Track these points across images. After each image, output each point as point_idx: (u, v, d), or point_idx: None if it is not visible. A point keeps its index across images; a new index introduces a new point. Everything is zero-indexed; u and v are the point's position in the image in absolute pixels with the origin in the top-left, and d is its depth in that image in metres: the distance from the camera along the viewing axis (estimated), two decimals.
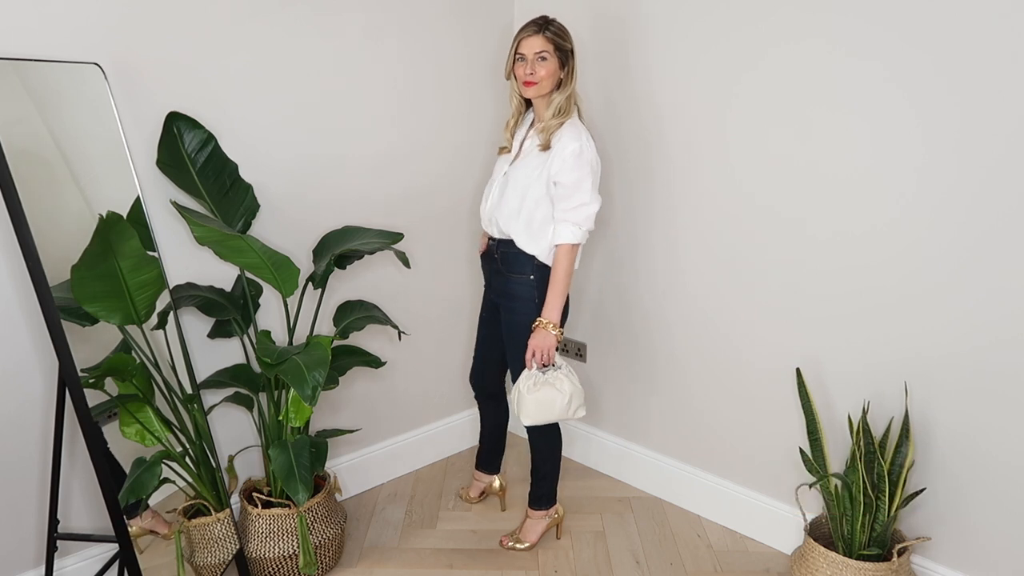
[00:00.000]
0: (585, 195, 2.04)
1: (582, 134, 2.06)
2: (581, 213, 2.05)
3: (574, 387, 2.11)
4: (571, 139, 2.04)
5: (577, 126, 2.08)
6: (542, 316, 2.10)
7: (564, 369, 2.13)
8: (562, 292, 2.08)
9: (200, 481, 2.04)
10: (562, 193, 2.06)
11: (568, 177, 2.03)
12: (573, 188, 2.04)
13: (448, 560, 2.35)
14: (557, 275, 2.07)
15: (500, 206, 2.17)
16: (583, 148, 2.03)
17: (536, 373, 2.11)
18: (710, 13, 2.20)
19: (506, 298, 2.22)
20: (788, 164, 2.12)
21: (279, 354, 1.91)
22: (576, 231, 2.05)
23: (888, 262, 1.98)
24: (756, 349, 2.31)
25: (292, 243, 2.31)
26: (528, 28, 2.06)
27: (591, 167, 2.05)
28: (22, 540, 2.00)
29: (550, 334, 2.08)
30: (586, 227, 2.06)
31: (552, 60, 2.05)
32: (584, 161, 2.03)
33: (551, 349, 2.09)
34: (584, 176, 2.03)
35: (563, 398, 2.09)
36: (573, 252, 2.07)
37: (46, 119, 1.79)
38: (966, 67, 1.76)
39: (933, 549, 2.04)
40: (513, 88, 2.17)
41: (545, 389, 2.10)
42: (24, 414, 1.94)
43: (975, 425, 1.91)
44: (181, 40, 2.01)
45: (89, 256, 1.64)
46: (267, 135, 2.23)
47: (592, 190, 2.05)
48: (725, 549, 2.40)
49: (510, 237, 2.15)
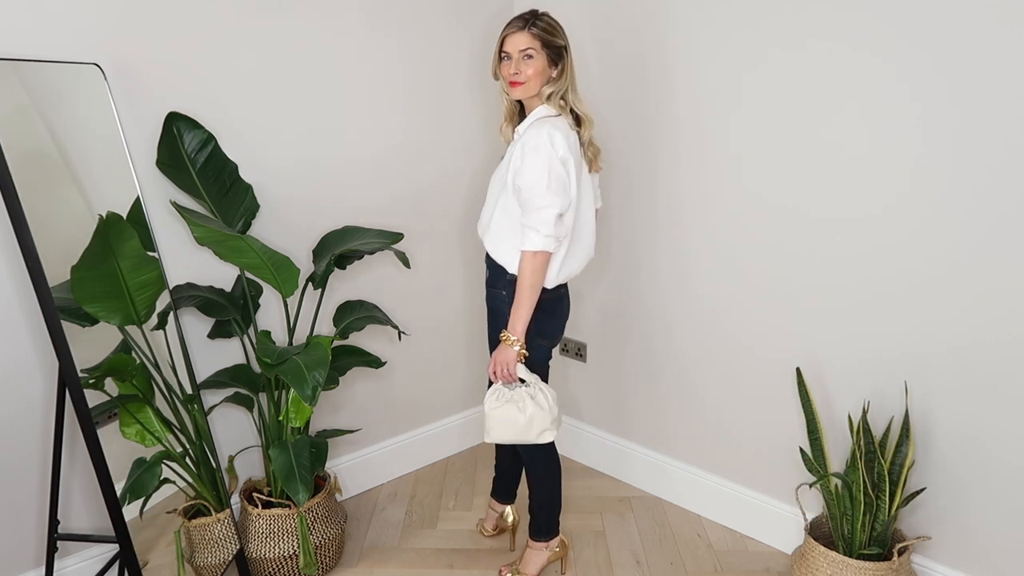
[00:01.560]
0: (539, 198, 1.84)
1: (545, 130, 1.86)
2: (538, 217, 1.85)
3: (538, 409, 1.95)
4: (532, 136, 1.87)
5: (548, 123, 1.88)
6: (506, 329, 1.94)
7: (531, 388, 1.96)
8: (525, 304, 1.89)
9: (200, 481, 2.04)
10: (521, 196, 1.89)
11: (523, 179, 1.87)
12: (528, 190, 1.86)
13: (448, 560, 2.35)
14: (520, 285, 1.89)
15: (480, 216, 2.09)
16: (540, 145, 1.84)
17: (502, 389, 1.98)
18: (713, 13, 2.20)
19: (488, 312, 2.11)
20: (790, 164, 2.12)
21: (279, 354, 1.91)
22: (535, 236, 1.86)
23: (888, 261, 1.98)
24: (755, 349, 2.31)
25: (292, 243, 2.31)
26: (513, 24, 1.90)
27: (548, 166, 1.84)
28: (22, 540, 2.00)
29: (510, 349, 1.92)
30: (545, 232, 1.85)
31: (540, 57, 1.88)
32: (541, 159, 1.84)
33: (510, 364, 1.93)
34: (539, 177, 1.84)
35: (523, 419, 1.94)
36: (536, 260, 1.87)
37: (46, 119, 1.79)
38: (968, 62, 1.76)
39: (933, 548, 2.04)
40: (502, 89, 1.99)
41: (507, 407, 1.96)
42: (24, 414, 1.94)
43: (976, 424, 1.91)
44: (181, 40, 2.01)
45: (89, 256, 1.64)
46: (267, 135, 2.23)
47: (547, 192, 1.84)
48: (725, 549, 2.40)
49: (487, 249, 2.05)
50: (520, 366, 1.96)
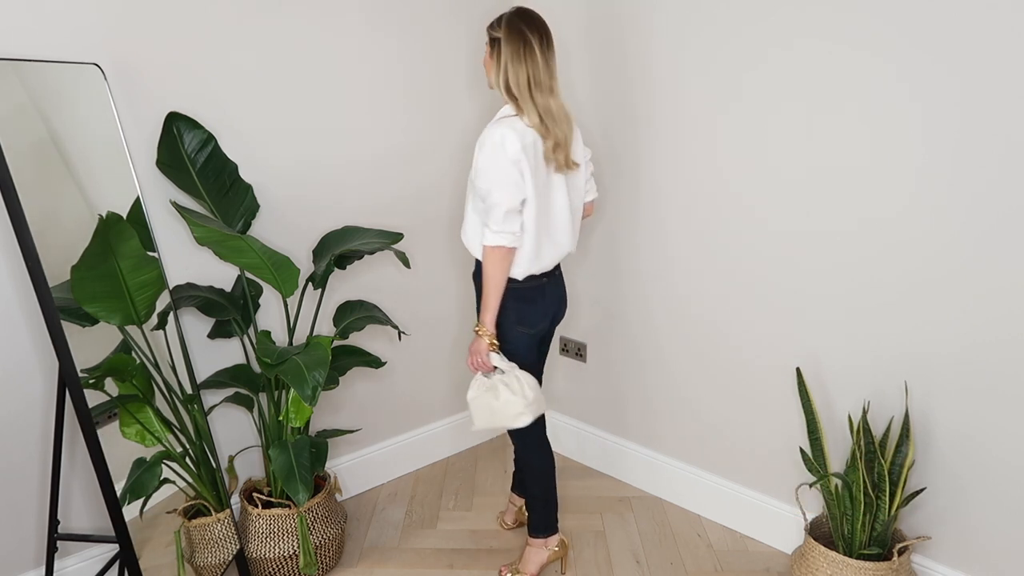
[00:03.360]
0: (489, 196, 1.90)
1: (499, 131, 1.89)
2: (489, 214, 1.91)
3: (510, 394, 2.00)
4: (487, 136, 1.92)
5: (504, 123, 1.91)
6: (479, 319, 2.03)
7: (507, 375, 2.02)
8: (490, 296, 1.97)
9: (200, 481, 2.04)
10: (478, 194, 1.95)
11: (477, 177, 1.93)
12: (481, 188, 1.92)
13: (448, 560, 2.35)
14: (484, 279, 1.97)
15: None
16: (489, 145, 1.89)
17: (481, 378, 2.05)
18: (713, 13, 2.20)
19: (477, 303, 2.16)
20: (790, 164, 2.12)
21: (279, 354, 1.91)
22: (487, 232, 1.92)
23: (888, 261, 1.98)
24: (756, 349, 2.31)
25: (292, 243, 2.31)
26: None
27: (497, 165, 1.89)
28: (22, 540, 2.00)
29: (480, 339, 2.00)
30: (495, 228, 1.90)
31: (487, 50, 1.99)
32: (491, 159, 1.89)
33: (482, 354, 2.01)
34: (489, 176, 1.90)
35: (498, 404, 2.01)
36: (494, 254, 1.93)
37: (46, 119, 1.79)
38: (968, 62, 1.76)
39: (933, 548, 2.04)
40: None
41: (485, 395, 2.02)
42: (24, 414, 1.94)
43: (976, 424, 1.91)
44: (181, 40, 2.01)
45: (89, 256, 1.64)
46: (267, 135, 2.23)
47: (495, 190, 1.89)
48: (725, 549, 2.40)
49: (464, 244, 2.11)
50: (495, 355, 2.01)
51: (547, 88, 1.94)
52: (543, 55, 1.93)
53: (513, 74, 1.93)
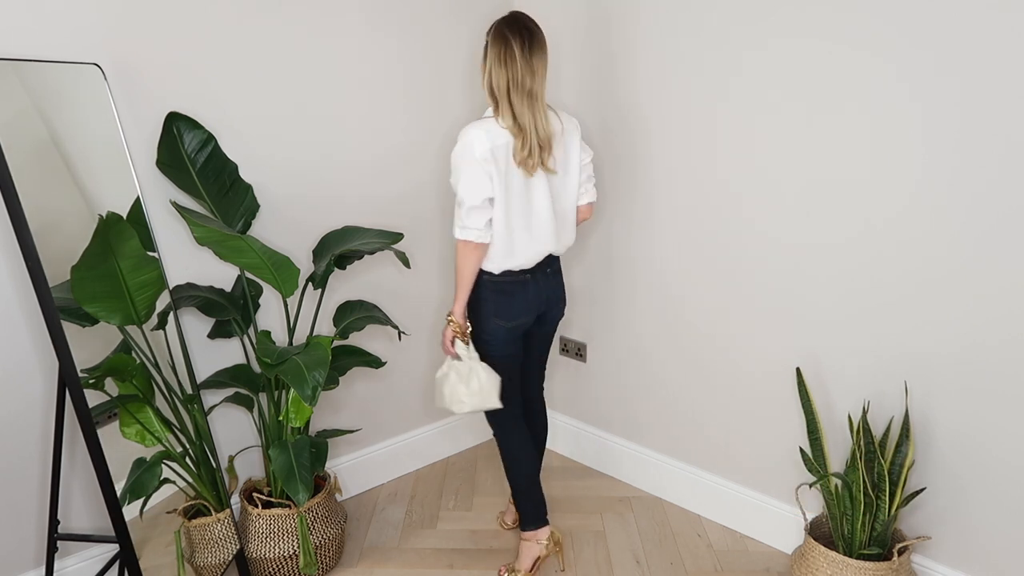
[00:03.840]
0: (458, 194, 1.98)
1: (472, 132, 1.97)
2: (456, 210, 2.01)
3: (458, 380, 2.11)
4: (460, 136, 1.99)
5: (479, 124, 1.99)
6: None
7: (461, 364, 2.11)
8: (460, 287, 2.06)
9: (200, 481, 2.04)
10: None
11: (451, 175, 2.02)
12: (452, 185, 2.01)
13: (448, 560, 2.35)
14: (456, 271, 2.06)
15: None
16: (457, 140, 1.98)
17: (449, 362, 2.15)
18: (700, 12, 2.20)
19: None
20: (790, 164, 2.12)
21: (279, 354, 1.91)
22: (455, 227, 2.01)
23: (888, 261, 1.98)
24: (756, 348, 2.31)
25: (292, 243, 2.31)
26: None
27: (463, 165, 1.96)
28: (22, 540, 2.00)
29: (447, 327, 2.12)
30: (459, 224, 2.00)
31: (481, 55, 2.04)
32: (455, 154, 1.98)
33: (446, 340, 2.12)
34: (456, 175, 1.98)
35: (447, 388, 2.12)
36: (462, 249, 2.01)
37: (46, 119, 1.79)
38: (968, 62, 1.76)
39: (933, 548, 2.04)
40: None
41: (443, 378, 2.14)
42: (24, 414, 1.94)
43: (976, 424, 1.91)
44: (181, 40, 2.01)
45: (89, 256, 1.64)
46: (267, 135, 2.23)
47: (460, 187, 1.97)
48: (725, 549, 2.40)
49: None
50: (459, 343, 2.11)
51: (528, 91, 1.95)
52: (524, 58, 1.94)
53: (495, 77, 1.97)
